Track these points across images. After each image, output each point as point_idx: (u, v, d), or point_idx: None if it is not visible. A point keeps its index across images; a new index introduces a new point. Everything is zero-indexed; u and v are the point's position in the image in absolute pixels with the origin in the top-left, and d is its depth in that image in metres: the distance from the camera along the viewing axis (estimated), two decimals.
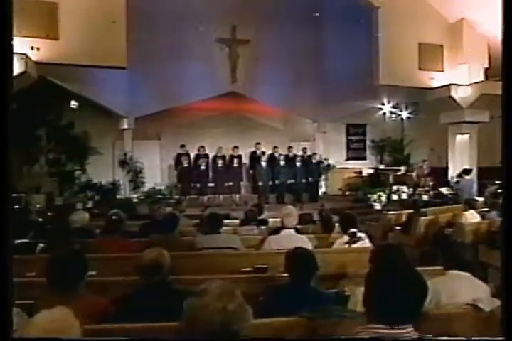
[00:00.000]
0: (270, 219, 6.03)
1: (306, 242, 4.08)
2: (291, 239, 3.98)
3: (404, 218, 6.94)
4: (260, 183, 10.75)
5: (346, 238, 4.06)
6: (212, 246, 3.88)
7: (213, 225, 3.99)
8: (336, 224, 5.02)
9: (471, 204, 5.93)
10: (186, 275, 3.26)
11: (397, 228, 6.65)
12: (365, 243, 4.09)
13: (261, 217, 5.66)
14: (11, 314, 1.78)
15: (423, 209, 6.81)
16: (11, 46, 1.87)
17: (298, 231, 4.49)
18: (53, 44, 7.80)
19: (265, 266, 3.84)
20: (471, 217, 5.81)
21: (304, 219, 6.10)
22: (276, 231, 4.90)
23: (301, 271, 2.41)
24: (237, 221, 6.06)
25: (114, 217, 3.99)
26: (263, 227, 5.33)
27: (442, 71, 10.50)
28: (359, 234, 4.10)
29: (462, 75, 10.15)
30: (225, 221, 6.16)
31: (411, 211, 6.69)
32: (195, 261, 3.82)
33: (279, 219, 5.33)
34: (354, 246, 4.03)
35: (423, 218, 6.20)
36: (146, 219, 5.54)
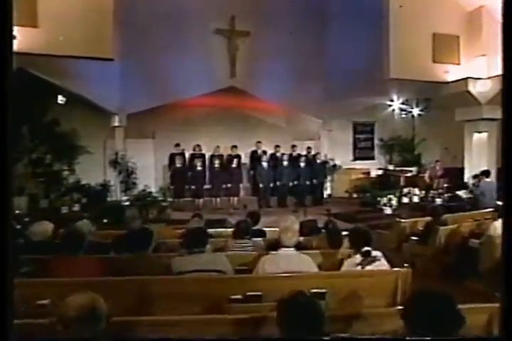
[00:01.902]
0: (269, 229, 5.28)
1: (308, 262, 3.35)
2: (290, 260, 3.24)
3: (420, 226, 6.18)
4: (261, 185, 10.01)
5: (358, 258, 3.32)
6: (193, 269, 3.14)
7: (196, 242, 3.24)
8: (344, 233, 4.32)
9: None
10: (149, 316, 2.53)
11: (413, 238, 5.88)
12: (381, 264, 3.34)
13: (257, 227, 4.89)
14: (11, 314, 1.76)
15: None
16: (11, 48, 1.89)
17: (299, 245, 3.75)
18: (32, 32, 7.09)
19: (259, 293, 3.11)
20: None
21: (307, 227, 5.38)
22: (273, 246, 4.18)
23: (300, 330, 1.65)
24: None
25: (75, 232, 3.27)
26: (259, 239, 4.59)
27: (458, 64, 9.69)
28: (374, 253, 3.35)
29: (480, 68, 9.33)
30: (219, 230, 5.48)
31: (429, 218, 5.90)
32: (172, 288, 3.09)
33: (278, 229, 4.64)
34: (368, 268, 3.29)
35: (443, 227, 5.42)
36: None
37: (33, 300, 2.92)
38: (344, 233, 4.63)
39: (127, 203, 9.27)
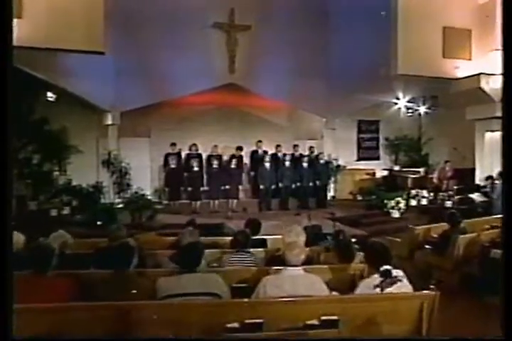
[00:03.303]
0: (271, 237, 4.80)
1: (318, 284, 2.85)
2: (296, 282, 2.75)
3: (434, 233, 5.69)
4: (262, 187, 9.51)
5: (376, 278, 2.83)
6: (182, 293, 2.66)
7: (188, 261, 2.76)
8: (356, 250, 3.83)
9: None
10: None
11: (427, 247, 5.40)
12: (403, 285, 2.85)
13: (258, 236, 4.40)
14: (11, 314, 1.87)
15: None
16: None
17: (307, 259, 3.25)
18: (16, 23, 6.56)
19: (260, 320, 2.63)
20: None
21: (312, 234, 4.90)
22: (275, 259, 3.70)
23: None
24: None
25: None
26: (260, 251, 4.11)
27: (470, 59, 9.18)
28: (395, 272, 2.86)
29: (494, 64, 8.80)
30: (215, 238, 5.00)
31: (444, 224, 5.41)
32: (156, 315, 2.60)
33: (280, 237, 4.16)
34: (388, 290, 2.80)
35: (463, 236, 4.92)
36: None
37: None
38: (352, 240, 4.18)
39: (120, 206, 8.79)
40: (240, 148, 9.97)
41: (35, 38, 6.80)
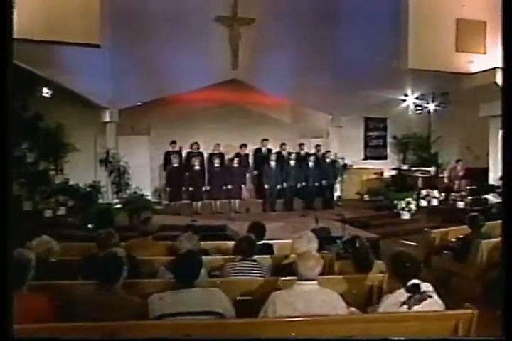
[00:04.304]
0: (277, 241, 4.43)
1: (336, 301, 2.47)
2: (310, 300, 2.36)
3: (451, 237, 5.32)
4: (267, 186, 9.12)
5: (403, 294, 2.45)
6: (179, 312, 2.28)
7: (187, 274, 2.39)
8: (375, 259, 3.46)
9: None
10: None
11: (446, 252, 5.01)
12: (433, 302, 2.47)
13: (263, 241, 4.02)
14: (11, 314, 1.79)
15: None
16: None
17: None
18: None
19: None
20: None
21: (320, 238, 4.53)
22: (284, 267, 3.34)
23: None
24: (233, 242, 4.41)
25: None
26: (266, 258, 3.73)
27: (484, 53, 8.75)
28: (424, 287, 2.48)
29: None
30: (216, 242, 4.64)
31: (464, 228, 5.03)
32: (150, 336, 2.24)
33: (289, 241, 3.80)
34: (416, 308, 2.42)
35: (486, 241, 4.53)
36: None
37: None
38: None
39: (118, 206, 8.44)
40: (244, 146, 9.67)
41: (28, 30, 6.40)
